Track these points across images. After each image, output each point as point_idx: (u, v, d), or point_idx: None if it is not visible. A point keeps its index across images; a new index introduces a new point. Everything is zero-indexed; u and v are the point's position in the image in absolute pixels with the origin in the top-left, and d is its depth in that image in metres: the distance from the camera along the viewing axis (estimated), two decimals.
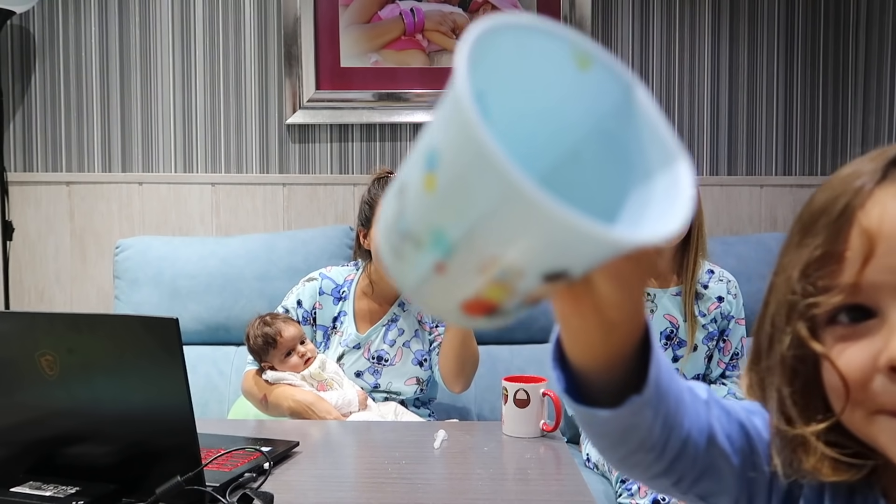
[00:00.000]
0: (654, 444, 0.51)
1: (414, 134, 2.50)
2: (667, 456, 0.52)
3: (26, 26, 2.47)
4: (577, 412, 0.50)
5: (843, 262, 0.47)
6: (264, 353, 1.71)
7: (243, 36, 2.48)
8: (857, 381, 0.47)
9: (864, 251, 0.46)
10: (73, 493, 1.01)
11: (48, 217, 2.48)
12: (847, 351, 0.47)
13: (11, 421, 1.09)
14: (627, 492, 1.62)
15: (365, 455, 1.34)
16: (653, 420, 0.49)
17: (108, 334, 1.03)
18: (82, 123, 2.49)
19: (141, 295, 2.19)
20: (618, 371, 0.47)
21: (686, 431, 0.52)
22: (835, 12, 2.51)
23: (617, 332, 0.45)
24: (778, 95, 2.52)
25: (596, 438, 0.52)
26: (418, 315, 1.86)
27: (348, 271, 1.90)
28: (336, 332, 1.84)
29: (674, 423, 0.51)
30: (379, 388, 1.80)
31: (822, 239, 0.48)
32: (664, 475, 0.53)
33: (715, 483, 0.54)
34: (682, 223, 0.37)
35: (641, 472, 0.54)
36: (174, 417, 0.99)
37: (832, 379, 0.48)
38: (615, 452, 0.52)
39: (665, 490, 0.56)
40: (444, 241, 0.36)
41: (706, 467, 0.53)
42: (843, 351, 0.47)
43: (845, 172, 0.50)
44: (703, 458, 0.53)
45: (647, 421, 0.49)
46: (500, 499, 1.12)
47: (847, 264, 0.46)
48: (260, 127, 2.50)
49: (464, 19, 2.45)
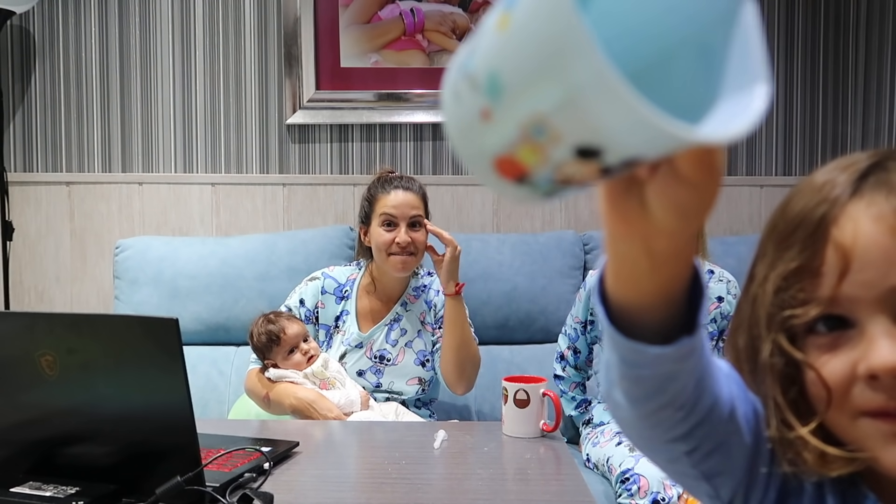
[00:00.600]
0: (686, 401, 0.50)
1: (414, 134, 2.50)
2: (693, 418, 0.51)
3: (26, 26, 2.47)
4: (624, 349, 0.48)
5: (820, 276, 0.49)
6: (268, 351, 1.71)
7: (243, 36, 2.48)
8: (839, 389, 0.49)
9: (839, 267, 0.48)
10: (73, 493, 1.01)
11: (48, 217, 2.48)
12: (828, 360, 0.50)
13: (11, 421, 1.09)
14: (627, 492, 1.62)
15: (365, 455, 1.34)
16: (692, 372, 0.49)
17: (108, 334, 1.03)
18: (82, 123, 2.50)
19: (141, 295, 2.19)
20: (662, 311, 0.46)
21: (713, 397, 0.52)
22: (835, 12, 2.51)
23: (665, 267, 0.44)
24: (778, 95, 2.52)
25: (633, 384, 0.50)
26: (421, 315, 1.86)
27: (351, 270, 1.90)
28: (339, 331, 1.84)
29: (705, 385, 0.51)
30: (381, 387, 1.81)
31: (797, 252, 0.50)
32: (683, 439, 0.52)
33: (725, 460, 0.54)
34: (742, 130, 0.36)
35: (664, 432, 0.52)
36: (174, 417, 0.99)
37: (815, 386, 0.51)
38: (648, 403, 0.50)
39: (677, 458, 0.55)
40: (497, 85, 0.36)
41: (722, 441, 0.54)
42: (825, 360, 0.50)
43: (819, 181, 0.52)
44: (723, 430, 0.53)
45: (688, 370, 0.49)
46: (500, 499, 1.12)
47: (824, 278, 0.49)
48: (260, 127, 2.50)
49: (464, 19, 2.45)
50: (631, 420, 0.53)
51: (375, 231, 1.79)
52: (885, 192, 0.48)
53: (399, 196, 1.79)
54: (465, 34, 2.45)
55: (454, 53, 0.38)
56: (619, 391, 0.51)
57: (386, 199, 1.79)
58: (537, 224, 2.50)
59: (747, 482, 0.56)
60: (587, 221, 2.49)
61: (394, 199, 1.79)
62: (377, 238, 1.78)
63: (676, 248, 0.43)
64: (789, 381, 0.52)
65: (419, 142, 2.51)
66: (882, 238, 0.47)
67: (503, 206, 2.48)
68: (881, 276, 0.47)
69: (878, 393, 0.47)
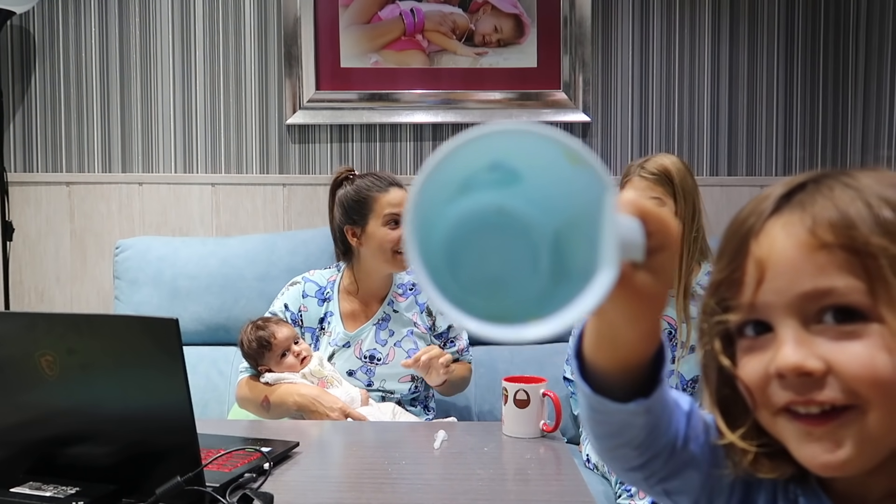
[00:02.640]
0: (641, 443, 0.59)
1: (414, 134, 2.50)
2: (646, 454, 0.60)
3: (26, 26, 2.47)
4: (589, 399, 0.57)
5: (743, 284, 0.55)
6: (260, 357, 1.71)
7: (243, 36, 2.48)
8: (758, 388, 0.54)
9: (757, 276, 0.54)
10: (73, 493, 1.01)
11: (48, 217, 2.48)
12: (748, 361, 0.55)
13: (11, 421, 1.08)
14: (627, 493, 1.62)
15: (365, 455, 1.34)
16: (646, 423, 0.57)
17: (108, 334, 1.03)
18: (82, 123, 2.50)
19: (141, 295, 2.19)
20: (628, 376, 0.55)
21: (667, 437, 0.60)
22: (835, 13, 2.51)
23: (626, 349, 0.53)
24: (778, 96, 2.52)
25: (596, 424, 0.60)
26: (412, 315, 1.86)
27: (330, 273, 1.90)
28: (324, 332, 1.84)
29: (660, 430, 0.59)
30: (372, 386, 1.80)
31: (726, 262, 0.56)
32: (639, 470, 0.61)
33: (681, 483, 0.62)
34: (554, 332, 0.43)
35: (621, 464, 0.62)
36: (174, 418, 0.99)
37: (741, 387, 0.56)
38: (607, 441, 0.61)
39: (635, 482, 0.64)
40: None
41: (676, 469, 0.61)
42: (746, 361, 0.56)
43: (762, 195, 0.57)
44: (676, 460, 0.60)
45: (641, 422, 0.57)
46: (500, 499, 1.12)
47: (745, 287, 0.55)
48: (260, 127, 2.50)
49: (464, 19, 2.45)
50: (595, 448, 0.63)
51: (378, 231, 1.78)
52: (800, 211, 0.53)
53: (399, 194, 1.79)
54: (465, 34, 2.45)
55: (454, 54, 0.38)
56: (586, 425, 0.62)
57: (386, 197, 1.78)
58: None
59: (709, 493, 0.61)
60: None
61: (395, 196, 1.79)
62: (381, 237, 1.77)
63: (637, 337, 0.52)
64: (728, 386, 0.57)
65: (419, 142, 2.51)
66: (791, 251, 0.52)
67: None
68: (790, 285, 0.52)
69: (787, 391, 0.52)
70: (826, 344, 0.50)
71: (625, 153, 2.52)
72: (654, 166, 1.74)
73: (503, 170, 0.45)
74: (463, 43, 2.45)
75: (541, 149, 0.43)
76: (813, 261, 0.51)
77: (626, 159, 2.51)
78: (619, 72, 2.51)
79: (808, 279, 0.51)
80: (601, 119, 2.52)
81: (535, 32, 2.46)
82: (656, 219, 0.47)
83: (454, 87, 2.46)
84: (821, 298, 0.51)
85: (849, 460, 0.50)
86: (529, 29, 2.46)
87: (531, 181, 0.45)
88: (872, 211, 0.50)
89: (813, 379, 0.50)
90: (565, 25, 2.45)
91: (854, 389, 0.49)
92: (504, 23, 2.45)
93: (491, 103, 2.47)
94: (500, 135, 0.43)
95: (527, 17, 2.46)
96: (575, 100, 2.48)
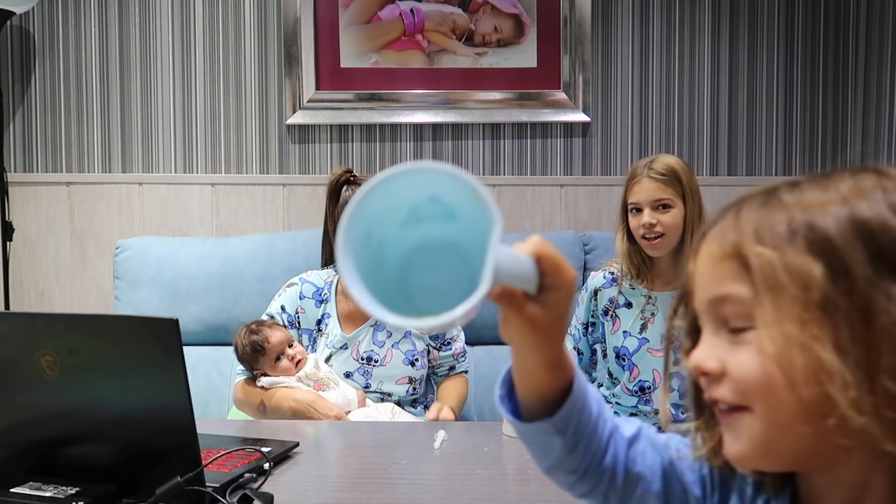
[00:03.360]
0: (574, 469, 0.63)
1: (414, 134, 2.51)
2: (588, 481, 0.64)
3: (26, 26, 2.47)
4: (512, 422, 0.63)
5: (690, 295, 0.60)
6: (254, 361, 1.70)
7: (243, 36, 2.49)
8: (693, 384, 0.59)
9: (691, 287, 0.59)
10: (73, 493, 1.01)
11: (48, 217, 2.48)
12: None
13: (11, 421, 1.08)
14: None
15: (365, 455, 1.34)
16: (564, 448, 0.62)
17: (108, 335, 1.03)
18: (82, 123, 2.50)
19: (141, 295, 2.19)
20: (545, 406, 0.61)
21: (607, 464, 0.64)
22: (835, 12, 2.51)
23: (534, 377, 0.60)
24: (778, 95, 2.52)
25: (527, 448, 0.65)
26: None
27: (327, 273, 1.89)
28: (322, 334, 1.83)
29: (587, 452, 0.63)
30: (370, 388, 1.79)
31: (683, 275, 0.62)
32: (590, 495, 0.65)
33: (639, 502, 0.65)
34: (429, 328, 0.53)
35: (568, 489, 0.66)
36: (174, 418, 0.99)
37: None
38: (540, 464, 0.66)
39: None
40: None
41: (629, 493, 0.65)
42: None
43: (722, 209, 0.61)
44: (625, 484, 0.64)
45: (558, 446, 0.62)
46: (500, 499, 1.12)
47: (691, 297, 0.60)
48: (260, 127, 2.50)
49: (464, 19, 2.45)
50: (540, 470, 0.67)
51: None
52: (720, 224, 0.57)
53: None
54: (465, 34, 2.45)
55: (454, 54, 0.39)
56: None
57: None
58: (537, 224, 2.50)
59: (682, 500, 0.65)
60: (587, 221, 2.49)
61: None
62: None
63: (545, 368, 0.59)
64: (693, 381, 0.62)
65: (419, 142, 2.51)
66: (705, 262, 0.57)
67: (503, 205, 2.48)
68: (703, 292, 0.57)
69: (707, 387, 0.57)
70: (725, 347, 0.55)
71: (625, 153, 2.52)
72: (663, 167, 1.72)
73: (441, 204, 0.54)
74: (463, 43, 2.45)
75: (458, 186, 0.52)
76: (718, 270, 0.55)
77: (626, 159, 2.51)
78: (619, 72, 2.51)
79: (712, 287, 0.56)
80: (601, 119, 2.52)
81: (534, 32, 2.46)
82: (551, 261, 0.54)
83: (454, 87, 2.46)
84: (721, 305, 0.55)
85: (744, 454, 0.54)
86: (529, 29, 2.46)
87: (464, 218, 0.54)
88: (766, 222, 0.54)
89: (712, 378, 0.55)
90: (565, 25, 2.45)
91: (742, 391, 0.53)
92: (504, 23, 2.45)
93: (491, 103, 2.47)
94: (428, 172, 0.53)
95: (527, 17, 2.46)
96: (575, 100, 2.48)
